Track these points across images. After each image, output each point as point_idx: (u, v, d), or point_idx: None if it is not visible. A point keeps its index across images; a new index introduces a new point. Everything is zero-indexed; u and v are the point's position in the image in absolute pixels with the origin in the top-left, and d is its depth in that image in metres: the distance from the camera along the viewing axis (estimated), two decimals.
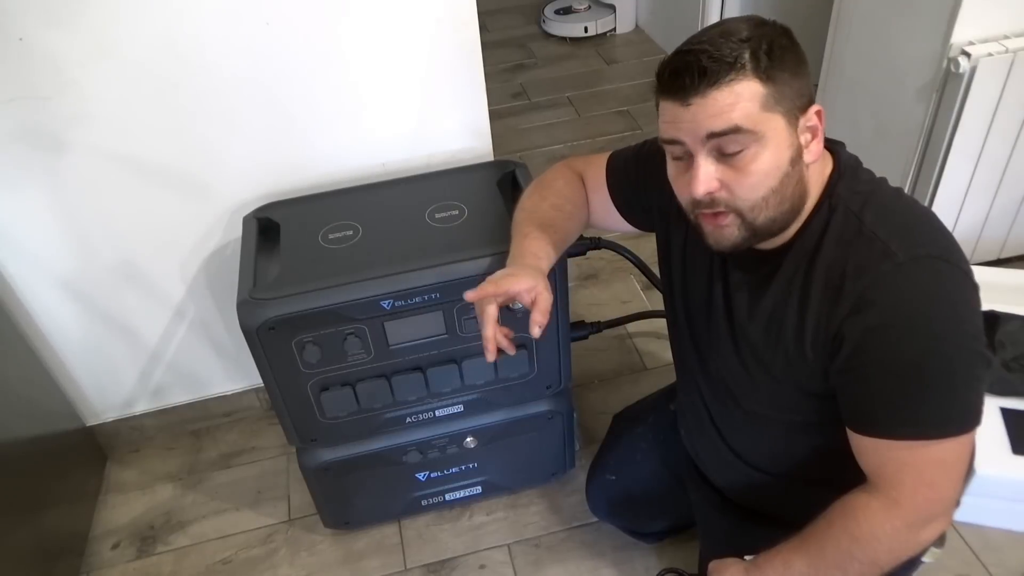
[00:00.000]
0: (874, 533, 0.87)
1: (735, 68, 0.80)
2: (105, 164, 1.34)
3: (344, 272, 1.18)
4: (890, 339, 0.83)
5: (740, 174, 0.84)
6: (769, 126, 0.82)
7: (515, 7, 3.69)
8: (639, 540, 1.46)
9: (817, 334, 0.88)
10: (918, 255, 0.83)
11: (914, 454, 0.85)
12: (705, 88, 0.80)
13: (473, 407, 1.36)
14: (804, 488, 1.05)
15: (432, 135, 1.45)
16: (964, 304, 0.84)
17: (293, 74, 1.32)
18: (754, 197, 0.85)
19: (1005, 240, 1.92)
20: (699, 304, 1.06)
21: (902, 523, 0.87)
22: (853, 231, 0.87)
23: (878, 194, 0.90)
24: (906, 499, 0.87)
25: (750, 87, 0.80)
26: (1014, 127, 1.71)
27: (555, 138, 2.73)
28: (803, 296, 0.89)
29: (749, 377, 1.00)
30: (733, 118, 0.80)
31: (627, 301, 2.03)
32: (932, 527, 0.89)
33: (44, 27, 1.18)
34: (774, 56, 0.81)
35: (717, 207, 0.87)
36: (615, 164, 1.16)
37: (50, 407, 1.58)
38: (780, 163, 0.84)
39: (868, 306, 0.83)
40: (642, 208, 1.15)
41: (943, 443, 0.85)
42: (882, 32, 1.85)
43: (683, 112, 0.83)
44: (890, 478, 0.87)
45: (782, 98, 0.82)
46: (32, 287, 1.47)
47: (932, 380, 0.83)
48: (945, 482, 0.88)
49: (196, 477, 1.69)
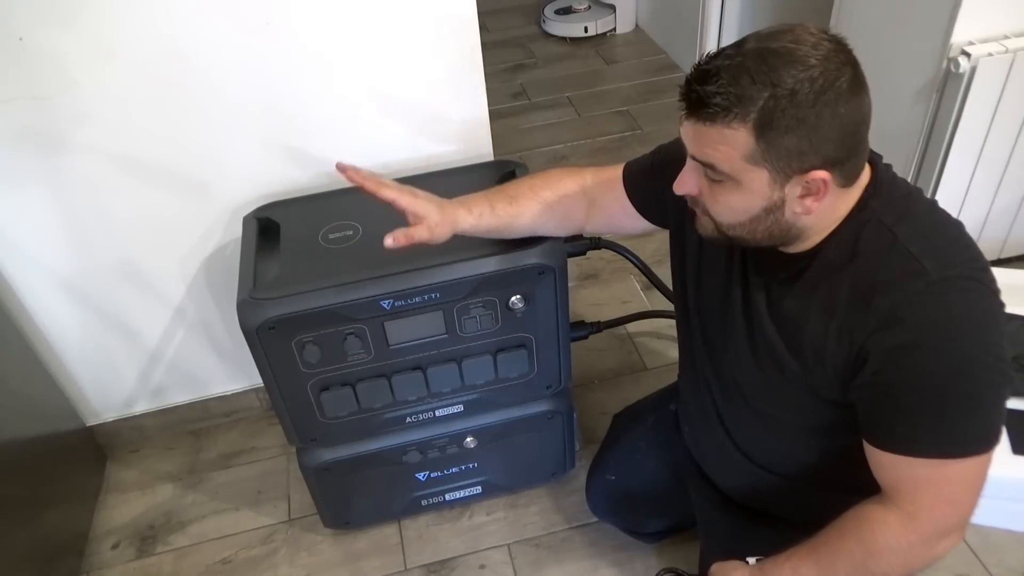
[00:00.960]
0: (890, 547, 0.87)
1: (735, 114, 0.77)
2: (105, 164, 1.34)
3: (344, 272, 1.18)
4: (918, 359, 0.83)
5: (712, 197, 0.87)
6: (747, 176, 0.82)
7: (515, 7, 3.69)
8: (639, 540, 1.46)
9: (840, 345, 0.87)
10: (950, 276, 0.82)
11: (934, 472, 0.85)
12: (699, 119, 0.80)
13: (473, 407, 1.36)
14: (811, 490, 1.05)
15: (432, 135, 1.45)
16: (991, 326, 0.84)
17: (293, 74, 1.32)
18: (724, 220, 0.88)
19: (1005, 240, 1.92)
20: (714, 303, 1.05)
21: (918, 537, 0.87)
22: (886, 245, 0.85)
23: (913, 208, 0.89)
24: (924, 514, 0.86)
25: (740, 136, 0.79)
26: (1014, 127, 1.71)
27: (555, 138, 2.73)
28: (828, 305, 0.88)
29: (763, 378, 0.99)
30: (711, 156, 0.82)
31: (627, 301, 2.03)
32: (947, 541, 0.89)
33: (44, 27, 1.18)
34: (785, 116, 0.76)
35: (695, 206, 0.92)
36: (632, 167, 1.15)
37: (50, 407, 1.58)
38: (750, 208, 0.85)
39: (897, 323, 0.82)
40: (659, 205, 1.14)
41: (964, 462, 0.85)
42: (882, 32, 1.85)
43: (685, 121, 0.83)
44: (909, 493, 0.87)
45: (775, 158, 0.79)
46: (32, 287, 1.47)
47: (957, 401, 0.83)
48: (964, 499, 0.88)
49: (196, 477, 1.69)
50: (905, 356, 0.83)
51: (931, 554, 0.89)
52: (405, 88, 1.39)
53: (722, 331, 1.04)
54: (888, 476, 0.89)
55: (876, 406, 0.88)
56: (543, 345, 1.30)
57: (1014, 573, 1.37)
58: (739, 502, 1.17)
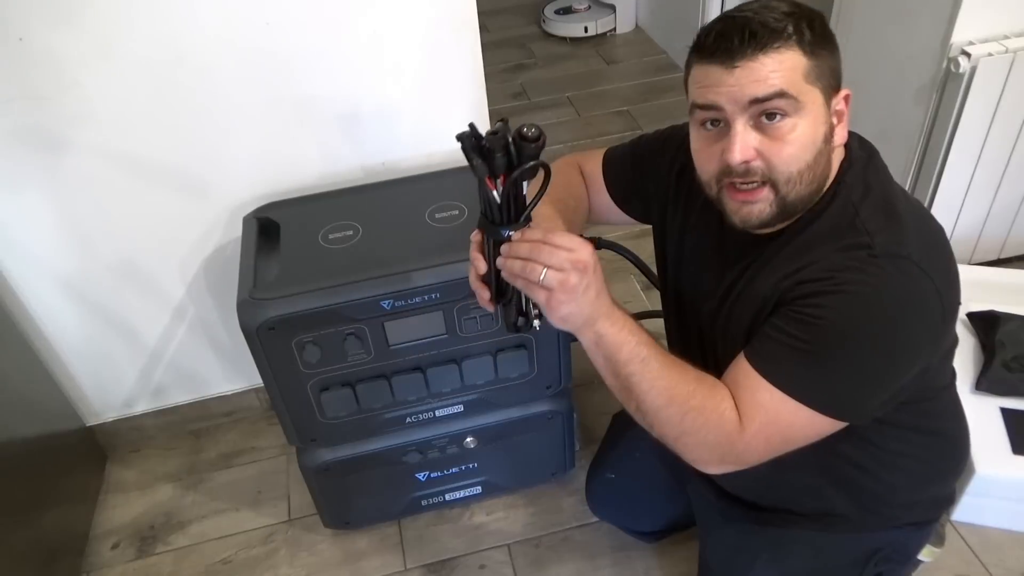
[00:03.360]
0: (711, 423, 0.87)
1: (783, 36, 0.81)
2: (105, 164, 1.34)
3: (344, 272, 1.18)
4: (830, 303, 0.83)
5: (778, 144, 0.83)
6: (809, 98, 0.83)
7: (515, 7, 3.69)
8: (639, 540, 1.46)
9: (774, 294, 0.89)
10: (896, 253, 0.83)
11: (774, 401, 0.85)
12: (753, 52, 0.81)
13: (473, 407, 1.36)
14: (800, 476, 1.05)
15: (432, 135, 1.45)
16: (917, 315, 0.84)
17: (293, 74, 1.32)
18: (791, 169, 0.84)
19: (1005, 240, 1.92)
20: (691, 291, 1.06)
21: (729, 444, 0.87)
22: (846, 221, 0.87)
23: (881, 190, 0.90)
24: (748, 434, 0.87)
25: (794, 57, 0.81)
26: (1014, 127, 1.71)
27: (555, 138, 2.73)
28: (779, 267, 0.90)
29: (734, 352, 0.99)
30: (779, 83, 0.81)
31: (627, 301, 2.03)
32: (731, 467, 0.90)
33: (44, 27, 1.18)
34: (816, 32, 0.82)
35: (752, 178, 0.85)
36: (611, 157, 1.17)
37: (50, 407, 1.58)
38: (816, 137, 0.84)
39: (827, 279, 0.84)
40: (639, 198, 1.15)
41: (802, 410, 0.85)
42: (882, 32, 1.85)
43: (726, 76, 0.82)
44: (745, 407, 0.87)
45: (821, 74, 0.83)
46: (32, 287, 1.47)
47: (836, 358, 0.84)
48: (776, 445, 0.88)
49: (196, 477, 1.69)
50: (816, 298, 0.84)
51: (716, 461, 0.90)
52: (405, 88, 1.39)
53: (704, 319, 1.04)
54: (735, 379, 0.89)
55: (768, 324, 0.88)
56: (543, 345, 1.30)
57: (1014, 573, 1.37)
58: (733, 493, 1.17)
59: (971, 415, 1.11)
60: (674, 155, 1.07)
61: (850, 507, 1.06)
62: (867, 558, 1.08)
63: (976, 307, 1.57)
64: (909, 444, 1.01)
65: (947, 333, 0.92)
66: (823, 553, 1.10)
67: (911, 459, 1.03)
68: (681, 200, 1.07)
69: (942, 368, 1.02)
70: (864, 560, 1.08)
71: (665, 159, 1.09)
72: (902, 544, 1.12)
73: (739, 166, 0.84)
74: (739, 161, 0.84)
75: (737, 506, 1.16)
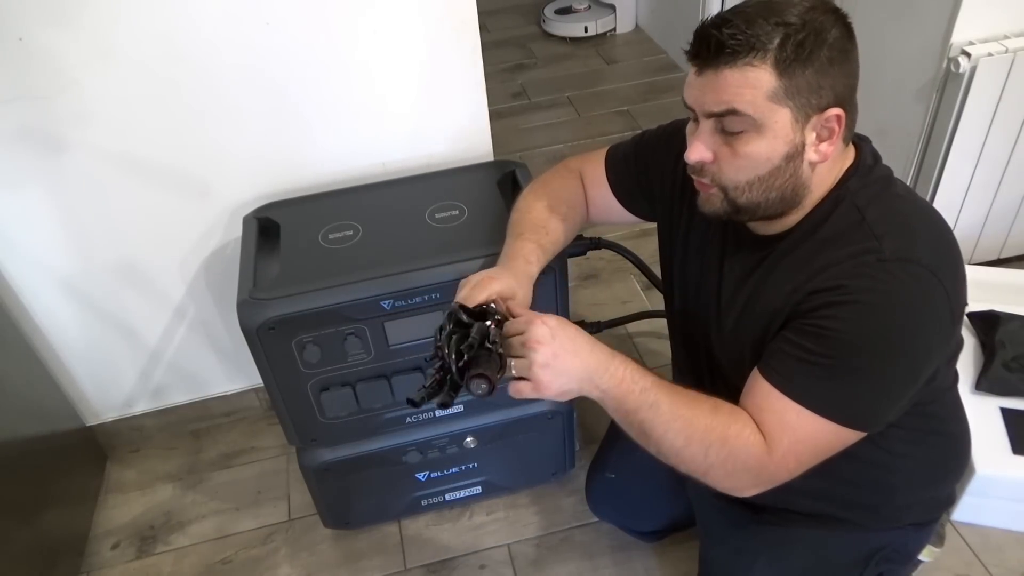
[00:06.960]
0: (736, 452, 0.87)
1: (755, 52, 0.80)
2: (105, 164, 1.34)
3: (344, 272, 1.18)
4: (839, 315, 0.83)
5: (731, 153, 0.85)
6: (771, 117, 0.82)
7: (515, 7, 3.69)
8: (639, 539, 1.46)
9: (786, 305, 0.88)
10: (907, 258, 0.83)
11: (801, 421, 0.85)
12: (718, 64, 0.81)
13: (473, 407, 1.36)
14: (801, 477, 1.05)
15: (432, 135, 1.45)
16: (928, 318, 0.84)
17: (293, 74, 1.32)
18: (738, 179, 0.86)
19: (1005, 240, 1.92)
20: (695, 288, 1.06)
21: (759, 469, 0.87)
22: (853, 225, 0.87)
23: (887, 193, 0.89)
24: (777, 456, 0.87)
25: (760, 76, 0.80)
26: (1014, 127, 1.71)
27: (555, 138, 2.73)
28: (786, 274, 0.90)
29: (740, 359, 0.99)
30: (733, 101, 0.81)
31: (627, 301, 2.03)
32: (763, 488, 0.90)
33: (44, 27, 1.18)
34: (803, 50, 0.80)
35: (703, 176, 0.89)
36: (615, 157, 1.17)
37: (50, 407, 1.58)
38: (772, 156, 0.84)
39: (837, 288, 0.84)
40: (644, 197, 1.15)
41: (826, 424, 0.85)
42: (882, 32, 1.85)
43: (696, 80, 0.84)
44: (770, 429, 0.87)
45: (796, 94, 0.81)
46: (32, 287, 1.47)
47: (854, 368, 0.84)
48: (806, 461, 0.88)
49: (196, 477, 1.69)
50: (829, 309, 0.84)
51: (750, 486, 0.90)
52: (405, 88, 1.39)
53: (708, 319, 1.05)
54: (757, 403, 0.88)
55: (781, 339, 0.88)
56: None
57: (1014, 573, 1.37)
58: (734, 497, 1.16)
59: (971, 415, 1.11)
60: (680, 149, 1.07)
61: (851, 507, 1.06)
62: (867, 558, 1.08)
63: (976, 307, 1.57)
64: (912, 445, 1.01)
65: (955, 335, 0.92)
66: (823, 553, 1.10)
67: (913, 460, 1.03)
68: (687, 194, 1.07)
69: (947, 370, 1.02)
70: (864, 560, 1.08)
71: (670, 154, 1.09)
72: (902, 544, 1.12)
73: (694, 164, 0.88)
74: (692, 161, 0.88)
75: (737, 506, 1.16)
